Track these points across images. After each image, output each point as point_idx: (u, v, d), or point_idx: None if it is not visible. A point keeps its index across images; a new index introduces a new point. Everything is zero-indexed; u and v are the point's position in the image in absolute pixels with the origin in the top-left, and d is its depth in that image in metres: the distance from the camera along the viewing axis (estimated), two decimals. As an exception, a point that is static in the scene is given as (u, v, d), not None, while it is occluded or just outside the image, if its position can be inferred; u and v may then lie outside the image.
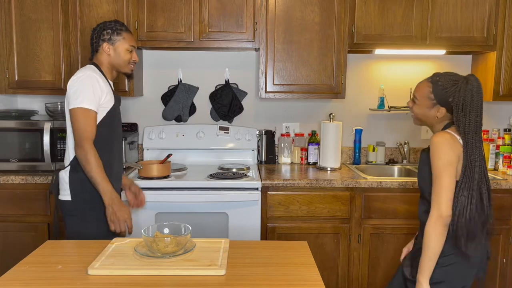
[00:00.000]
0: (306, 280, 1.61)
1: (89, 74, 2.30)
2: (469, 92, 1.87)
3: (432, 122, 2.01)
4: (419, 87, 2.01)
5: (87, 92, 2.25)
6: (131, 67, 2.50)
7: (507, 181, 3.01)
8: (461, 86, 1.88)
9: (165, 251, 1.72)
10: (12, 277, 1.59)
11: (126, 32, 2.46)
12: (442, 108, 1.94)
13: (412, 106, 2.05)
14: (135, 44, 2.50)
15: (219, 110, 3.55)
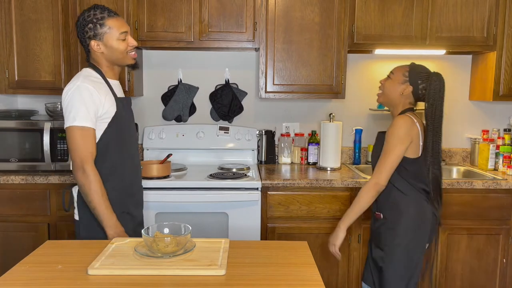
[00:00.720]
0: (306, 280, 1.60)
1: (79, 85, 2.01)
2: (438, 85, 2.17)
3: (395, 100, 2.28)
4: (397, 67, 2.30)
5: (78, 107, 1.99)
6: (131, 55, 2.16)
7: (507, 181, 3.01)
8: (432, 78, 2.18)
9: (165, 251, 1.71)
10: (12, 277, 1.59)
11: (110, 19, 2.08)
12: (410, 87, 2.22)
13: (384, 82, 2.33)
14: (126, 28, 2.12)
15: (219, 110, 3.55)
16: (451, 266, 3.07)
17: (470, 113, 3.70)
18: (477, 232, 3.04)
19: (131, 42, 2.14)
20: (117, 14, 2.14)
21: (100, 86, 2.08)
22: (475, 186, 2.99)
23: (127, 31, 2.13)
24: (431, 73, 2.21)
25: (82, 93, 2.00)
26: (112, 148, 2.12)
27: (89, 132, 2.01)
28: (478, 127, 3.69)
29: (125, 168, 2.19)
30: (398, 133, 2.17)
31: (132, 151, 2.24)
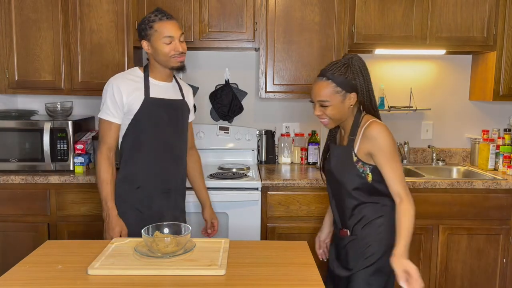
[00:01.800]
0: (306, 280, 1.61)
1: (110, 80, 2.25)
2: (360, 69, 1.95)
3: (347, 115, 2.00)
4: (321, 90, 1.95)
5: (104, 101, 2.23)
6: (176, 60, 2.23)
7: (507, 181, 3.01)
8: (352, 66, 1.94)
9: (165, 251, 1.71)
10: (12, 277, 1.59)
11: (159, 22, 2.19)
12: (352, 94, 1.95)
13: (323, 113, 1.98)
14: (172, 33, 2.19)
15: (219, 110, 3.55)
16: (451, 266, 3.07)
17: (470, 113, 3.70)
18: (477, 232, 3.04)
19: (176, 47, 2.20)
20: (171, 18, 2.22)
21: (130, 84, 2.24)
22: (475, 186, 2.99)
23: (173, 36, 2.18)
24: (347, 62, 1.96)
25: (108, 89, 2.24)
26: (129, 145, 2.29)
27: (108, 125, 2.24)
28: (478, 127, 3.69)
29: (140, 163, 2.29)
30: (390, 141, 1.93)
31: (158, 153, 2.30)
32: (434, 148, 3.61)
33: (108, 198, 2.21)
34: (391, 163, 1.91)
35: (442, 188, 2.99)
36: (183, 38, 2.26)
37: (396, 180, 1.91)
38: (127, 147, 2.29)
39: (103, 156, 2.23)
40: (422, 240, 3.03)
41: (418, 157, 3.71)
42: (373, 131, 1.92)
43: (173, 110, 2.33)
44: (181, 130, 2.38)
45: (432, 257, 3.05)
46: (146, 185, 2.29)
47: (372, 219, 1.98)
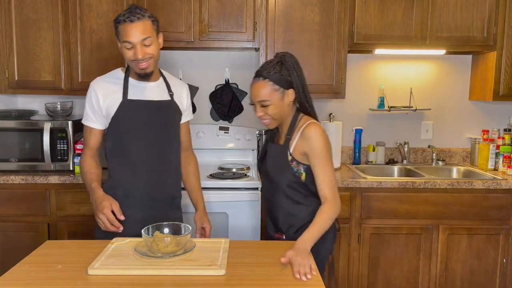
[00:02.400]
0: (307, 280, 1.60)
1: (90, 84, 2.16)
2: (294, 66, 1.98)
3: (287, 112, 2.02)
4: (259, 90, 1.95)
5: (86, 106, 2.16)
6: (137, 66, 2.04)
7: (507, 181, 3.01)
8: (285, 63, 1.97)
9: (165, 251, 1.71)
10: (12, 277, 1.59)
11: (122, 24, 1.98)
12: (290, 90, 1.98)
13: (265, 113, 1.98)
14: (131, 39, 1.98)
15: (219, 110, 3.55)
16: (451, 266, 3.07)
17: (470, 113, 3.70)
18: (477, 232, 3.04)
19: (135, 54, 2.00)
20: (135, 20, 1.97)
21: (108, 87, 2.14)
22: (475, 186, 2.99)
23: (131, 42, 1.98)
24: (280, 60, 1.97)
25: (89, 91, 2.16)
26: (111, 151, 2.18)
27: (89, 131, 2.19)
28: (478, 127, 3.69)
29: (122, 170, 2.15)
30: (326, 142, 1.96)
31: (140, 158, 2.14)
32: (434, 148, 3.60)
33: (91, 182, 2.07)
34: (323, 165, 1.95)
35: (442, 188, 2.99)
36: (150, 41, 2.01)
37: (325, 183, 1.94)
38: (109, 152, 2.18)
39: (85, 156, 2.18)
40: (422, 240, 3.03)
41: (418, 157, 3.71)
42: (310, 132, 1.96)
43: (156, 112, 2.15)
44: (166, 133, 2.19)
45: (432, 257, 3.05)
46: (130, 193, 2.12)
47: (305, 223, 1.96)
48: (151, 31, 2.01)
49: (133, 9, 2.01)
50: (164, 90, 2.23)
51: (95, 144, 2.19)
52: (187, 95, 2.34)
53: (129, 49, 2.00)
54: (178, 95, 2.28)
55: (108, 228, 1.92)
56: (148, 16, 2.02)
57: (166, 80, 2.26)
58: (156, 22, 2.06)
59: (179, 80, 2.39)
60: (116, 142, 2.15)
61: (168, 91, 2.23)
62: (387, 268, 3.06)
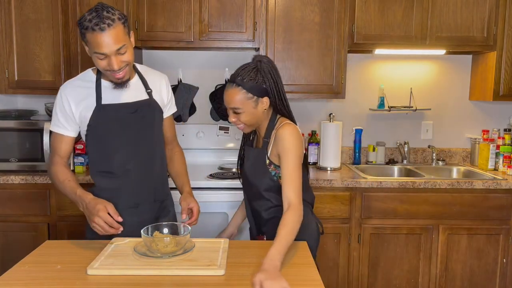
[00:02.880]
0: (306, 280, 1.60)
1: (60, 89, 2.02)
2: (270, 72, 1.91)
3: (261, 119, 1.98)
4: (232, 97, 1.90)
5: (56, 112, 2.00)
6: (113, 76, 1.88)
7: (507, 181, 3.01)
8: (261, 69, 1.90)
9: (164, 251, 1.71)
10: (12, 277, 1.59)
11: (91, 33, 1.77)
12: (264, 98, 1.92)
13: (237, 119, 1.95)
14: (104, 50, 1.78)
15: (219, 110, 3.55)
16: (451, 266, 3.07)
17: (470, 113, 3.70)
18: (477, 232, 3.04)
19: (110, 64, 1.83)
20: (105, 29, 1.76)
21: (79, 92, 1.98)
22: (475, 186, 2.99)
23: (104, 53, 1.79)
24: (256, 66, 1.91)
25: (57, 99, 2.01)
26: (92, 158, 2.08)
27: (59, 138, 2.02)
28: (478, 127, 3.69)
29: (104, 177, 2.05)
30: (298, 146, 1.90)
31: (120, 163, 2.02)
32: (434, 148, 3.60)
33: (73, 190, 1.91)
34: (290, 166, 1.87)
35: (442, 188, 2.99)
36: (125, 49, 1.83)
37: (290, 185, 1.84)
38: (91, 159, 2.08)
39: (56, 164, 2.00)
40: (422, 240, 3.03)
41: (418, 157, 3.70)
42: (282, 132, 1.91)
43: (134, 114, 2.00)
44: (147, 135, 2.06)
45: (432, 257, 3.05)
46: (114, 201, 1.91)
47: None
48: (124, 37, 1.82)
49: (101, 12, 1.77)
50: (141, 88, 2.06)
51: (66, 152, 2.04)
52: (167, 88, 2.17)
53: (102, 59, 1.82)
54: (158, 91, 2.11)
55: (107, 231, 1.80)
56: (118, 18, 1.80)
57: (142, 77, 2.08)
58: (126, 22, 1.86)
59: (157, 72, 2.18)
60: (95, 149, 2.04)
61: (146, 88, 2.07)
62: (387, 268, 3.06)
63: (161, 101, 2.13)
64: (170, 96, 2.20)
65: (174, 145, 2.29)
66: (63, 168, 2.01)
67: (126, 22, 1.85)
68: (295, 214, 1.80)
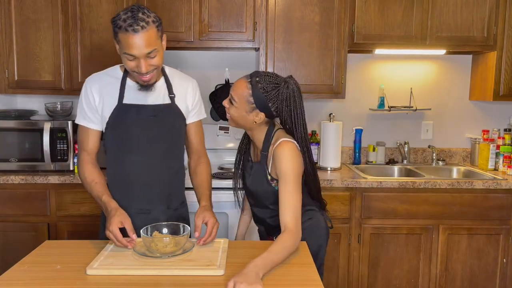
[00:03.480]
0: (306, 280, 1.60)
1: (86, 81, 2.00)
2: (291, 95, 1.84)
3: (248, 127, 1.90)
4: (238, 87, 1.84)
5: (82, 104, 1.98)
6: (139, 78, 1.87)
7: (507, 181, 3.01)
8: (282, 90, 1.81)
9: (164, 251, 1.71)
10: (11, 277, 1.59)
11: (123, 33, 1.75)
12: (261, 113, 1.83)
13: (229, 107, 1.88)
14: (134, 52, 1.77)
15: (219, 110, 3.55)
16: (451, 266, 3.06)
17: (470, 113, 3.70)
18: (477, 232, 3.04)
19: (139, 67, 1.81)
20: (138, 31, 1.74)
21: (104, 86, 1.97)
22: (475, 186, 2.99)
23: (133, 55, 1.78)
24: (280, 84, 1.83)
25: (82, 90, 2.00)
26: (108, 159, 2.05)
27: (85, 131, 2.00)
28: (478, 127, 3.69)
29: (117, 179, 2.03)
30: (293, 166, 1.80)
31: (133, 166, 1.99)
32: (434, 148, 3.60)
33: (99, 195, 1.91)
34: (288, 190, 1.77)
35: (442, 188, 2.99)
36: (155, 53, 1.82)
37: (287, 210, 1.76)
38: (107, 157, 2.05)
39: (83, 162, 1.99)
40: (422, 240, 3.03)
41: (418, 157, 3.70)
42: (278, 152, 1.81)
43: (153, 117, 1.98)
44: (165, 141, 2.02)
45: (432, 257, 3.05)
46: (122, 203, 1.92)
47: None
48: (156, 41, 1.80)
49: (136, 13, 1.75)
50: (165, 92, 2.03)
51: (93, 147, 2.01)
52: (193, 93, 2.11)
53: (131, 60, 1.81)
54: (182, 96, 2.07)
55: (116, 245, 1.78)
56: (152, 21, 1.78)
57: (168, 80, 2.05)
58: (160, 26, 1.83)
59: (185, 77, 2.14)
60: (111, 148, 2.01)
61: (169, 93, 2.03)
62: (387, 268, 3.06)
63: (185, 107, 2.07)
64: (197, 101, 2.13)
65: (200, 155, 2.20)
66: (91, 167, 1.99)
67: (160, 25, 1.82)
68: (291, 238, 1.73)
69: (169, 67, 2.11)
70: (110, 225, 1.77)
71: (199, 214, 1.91)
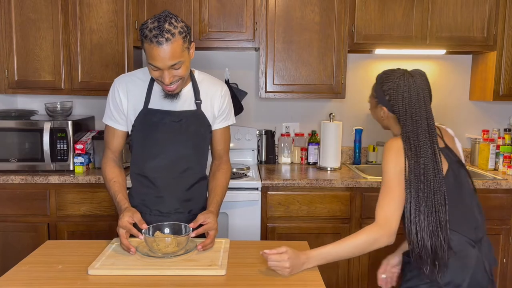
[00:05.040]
0: (307, 280, 1.61)
1: (114, 81, 1.99)
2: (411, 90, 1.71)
3: (385, 124, 1.85)
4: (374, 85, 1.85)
5: (109, 104, 1.99)
6: (165, 88, 1.84)
7: (507, 181, 3.01)
8: (398, 83, 1.73)
9: (165, 251, 1.71)
10: (13, 277, 1.59)
11: (148, 43, 1.71)
12: (383, 107, 1.79)
13: (369, 108, 1.91)
14: (158, 64, 1.74)
15: (219, 110, 3.54)
16: (451, 266, 3.06)
17: (470, 113, 3.70)
18: (477, 232, 3.04)
19: (163, 78, 1.78)
20: (162, 43, 1.69)
21: (132, 88, 1.96)
22: (475, 186, 2.98)
23: (157, 67, 1.75)
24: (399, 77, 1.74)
25: (110, 91, 2.01)
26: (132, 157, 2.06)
27: (111, 132, 2.02)
28: (478, 127, 3.69)
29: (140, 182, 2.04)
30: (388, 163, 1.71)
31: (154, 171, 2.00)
32: (434, 148, 3.60)
33: (115, 194, 1.93)
34: (383, 183, 1.72)
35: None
36: (180, 65, 1.78)
37: (379, 201, 1.72)
38: (131, 159, 2.07)
39: (107, 159, 2.03)
40: (422, 240, 3.03)
41: (418, 157, 3.70)
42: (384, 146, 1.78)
43: (178, 123, 1.97)
44: (187, 146, 2.00)
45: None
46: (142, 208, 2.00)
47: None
48: (181, 53, 1.75)
49: (162, 24, 1.70)
50: (191, 98, 1.99)
51: (118, 146, 2.04)
52: (221, 100, 2.06)
53: (155, 70, 1.78)
54: (209, 102, 2.03)
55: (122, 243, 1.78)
56: (179, 32, 1.73)
57: (196, 85, 2.01)
58: (188, 36, 1.78)
59: (215, 82, 2.09)
60: (135, 150, 2.02)
61: (196, 99, 1.99)
62: (387, 268, 3.06)
63: (211, 113, 2.05)
64: (225, 108, 2.08)
65: (222, 161, 2.17)
66: (113, 165, 2.02)
67: (187, 36, 1.78)
68: (372, 231, 1.72)
69: (200, 71, 2.08)
70: (120, 220, 1.79)
71: (203, 213, 1.90)
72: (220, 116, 2.09)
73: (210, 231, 1.83)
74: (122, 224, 1.77)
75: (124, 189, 1.99)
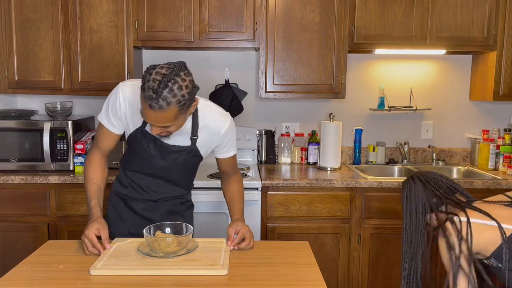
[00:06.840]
0: (308, 280, 1.61)
1: (120, 86, 1.91)
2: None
3: None
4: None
5: (109, 106, 1.93)
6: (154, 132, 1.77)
7: (507, 181, 3.01)
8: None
9: (166, 251, 1.71)
10: (14, 277, 1.59)
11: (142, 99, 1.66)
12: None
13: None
14: (146, 120, 1.72)
15: (219, 110, 3.54)
16: (451, 266, 3.06)
17: (470, 113, 3.71)
18: (477, 232, 3.04)
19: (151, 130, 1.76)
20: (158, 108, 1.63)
21: (135, 101, 1.88)
22: (475, 186, 2.99)
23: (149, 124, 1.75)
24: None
25: (113, 93, 1.93)
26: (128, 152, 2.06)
27: (105, 132, 1.98)
28: (478, 127, 3.69)
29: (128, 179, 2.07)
30: None
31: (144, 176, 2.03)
32: (434, 148, 3.61)
33: (91, 198, 1.92)
34: None
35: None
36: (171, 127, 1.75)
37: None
38: (125, 155, 2.09)
39: (93, 157, 2.00)
40: (422, 240, 3.03)
41: (418, 157, 3.71)
42: None
43: (169, 155, 1.97)
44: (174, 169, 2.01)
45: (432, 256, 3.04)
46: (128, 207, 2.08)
47: None
48: (174, 119, 1.70)
49: (162, 89, 1.61)
50: (188, 133, 1.93)
51: (107, 147, 2.02)
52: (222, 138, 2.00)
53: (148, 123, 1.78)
54: (208, 138, 1.98)
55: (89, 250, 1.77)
56: (177, 101, 1.64)
57: (196, 119, 1.93)
58: (185, 105, 1.69)
59: (218, 117, 1.99)
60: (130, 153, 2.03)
61: (192, 134, 1.94)
62: (387, 268, 3.06)
63: (208, 148, 2.02)
64: (226, 143, 2.03)
65: (233, 176, 2.17)
66: (97, 164, 1.99)
67: (185, 105, 1.69)
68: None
69: (205, 100, 1.99)
70: (87, 230, 1.80)
71: (232, 225, 1.92)
72: (222, 149, 2.06)
73: (245, 235, 1.88)
74: (88, 236, 1.78)
75: (101, 193, 1.97)
